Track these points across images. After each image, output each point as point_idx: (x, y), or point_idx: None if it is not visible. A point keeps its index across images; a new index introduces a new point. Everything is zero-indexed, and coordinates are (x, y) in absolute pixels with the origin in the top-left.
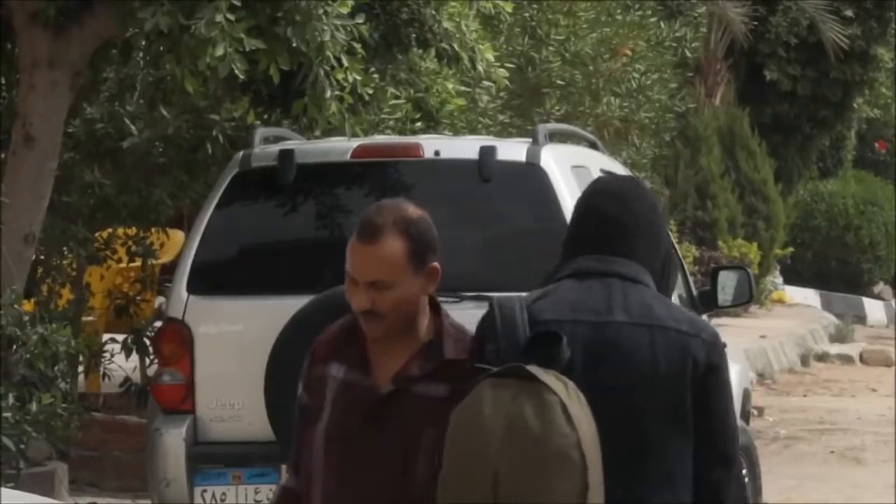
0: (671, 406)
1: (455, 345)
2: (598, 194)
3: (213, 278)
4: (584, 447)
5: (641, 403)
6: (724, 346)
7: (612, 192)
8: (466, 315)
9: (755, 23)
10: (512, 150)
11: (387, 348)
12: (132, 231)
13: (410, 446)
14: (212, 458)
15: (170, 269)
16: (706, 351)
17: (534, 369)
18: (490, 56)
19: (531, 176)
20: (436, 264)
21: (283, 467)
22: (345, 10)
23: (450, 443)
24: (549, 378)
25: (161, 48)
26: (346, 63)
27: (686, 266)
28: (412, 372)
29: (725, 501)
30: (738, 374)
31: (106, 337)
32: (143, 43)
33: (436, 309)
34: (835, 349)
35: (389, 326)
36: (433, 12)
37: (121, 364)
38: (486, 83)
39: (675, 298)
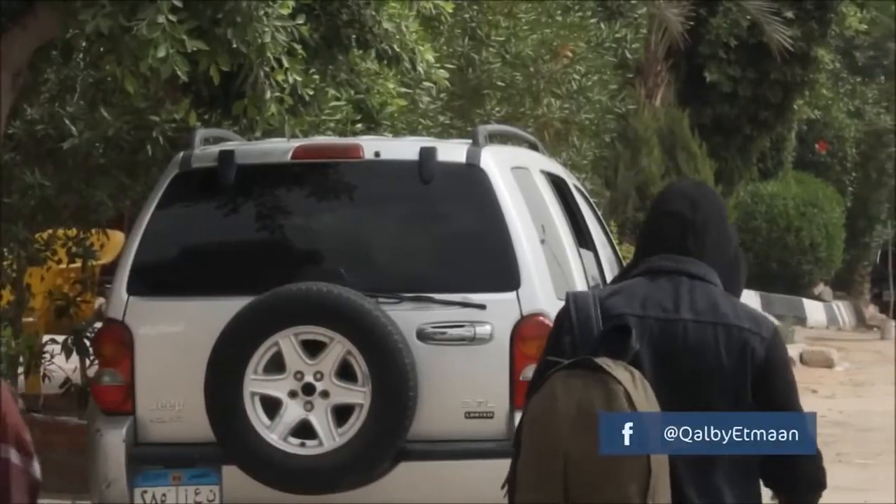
0: (733, 399)
1: None
2: (672, 197)
3: (153, 279)
4: None
5: (706, 396)
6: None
7: (685, 194)
8: (405, 316)
9: (692, 23)
10: (452, 151)
11: None
12: (73, 232)
13: None
14: (152, 459)
15: (110, 270)
16: (765, 347)
17: (602, 361)
18: (430, 57)
19: (471, 177)
20: None
21: (224, 468)
22: (285, 12)
23: (526, 427)
24: (617, 369)
25: (101, 49)
26: (286, 64)
27: None
28: None
29: (798, 475)
30: None
31: (46, 338)
32: (84, 44)
33: None
34: None
35: None
36: (373, 13)
37: (61, 365)
38: (427, 84)
39: None
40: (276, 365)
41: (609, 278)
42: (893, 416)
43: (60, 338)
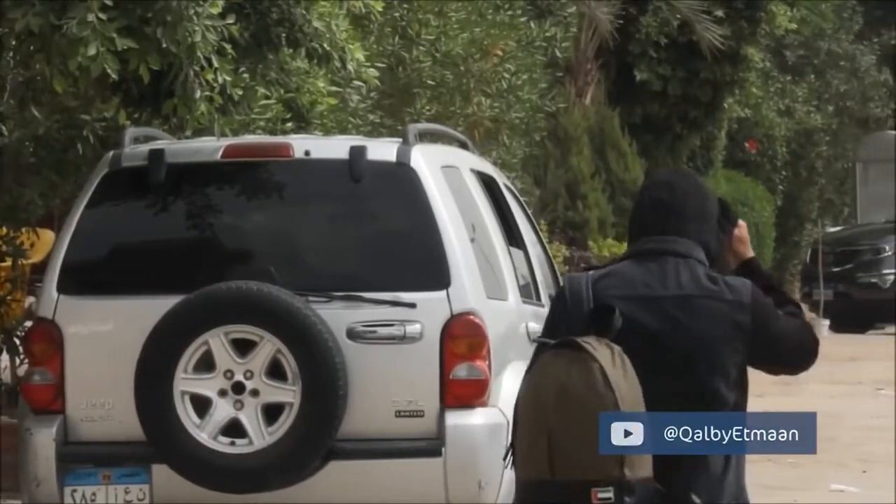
0: (723, 366)
1: None
2: (652, 185)
3: (83, 278)
4: (622, 405)
5: (695, 366)
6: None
7: (664, 181)
8: (336, 315)
9: (621, 21)
10: (382, 149)
11: None
12: (3, 231)
13: None
14: (82, 457)
15: (40, 269)
16: (750, 314)
17: (586, 339)
18: (360, 56)
19: (401, 176)
20: None
21: (154, 467)
22: (215, 11)
23: (518, 406)
24: (600, 347)
25: (31, 48)
26: (216, 64)
27: (556, 266)
28: None
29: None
30: None
31: None
32: (14, 42)
33: None
34: None
35: None
36: (303, 12)
37: None
38: (357, 83)
39: (545, 299)
40: (206, 364)
41: (539, 277)
42: (828, 416)
43: None
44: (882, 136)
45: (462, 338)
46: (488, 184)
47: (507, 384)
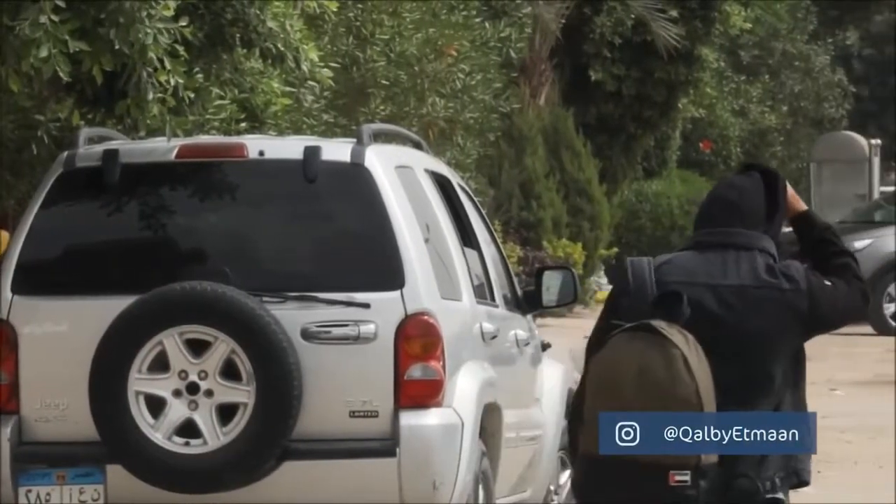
0: (778, 353)
1: None
2: (720, 185)
3: (38, 278)
4: (702, 394)
5: (755, 351)
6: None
7: (730, 182)
8: (290, 315)
9: (563, 20)
10: (336, 150)
11: None
12: None
13: None
14: (36, 458)
15: None
16: (807, 298)
17: (659, 324)
18: (314, 56)
19: (356, 176)
20: None
21: (109, 467)
22: (168, 13)
23: (591, 386)
24: (674, 333)
25: None
26: (168, 65)
27: (511, 266)
28: None
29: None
30: (562, 375)
31: None
32: None
33: None
34: None
35: None
36: (257, 12)
37: None
38: (311, 83)
39: (499, 299)
40: (161, 364)
41: (494, 277)
42: None
43: None
44: (836, 137)
45: (416, 338)
46: (442, 184)
47: (462, 384)
